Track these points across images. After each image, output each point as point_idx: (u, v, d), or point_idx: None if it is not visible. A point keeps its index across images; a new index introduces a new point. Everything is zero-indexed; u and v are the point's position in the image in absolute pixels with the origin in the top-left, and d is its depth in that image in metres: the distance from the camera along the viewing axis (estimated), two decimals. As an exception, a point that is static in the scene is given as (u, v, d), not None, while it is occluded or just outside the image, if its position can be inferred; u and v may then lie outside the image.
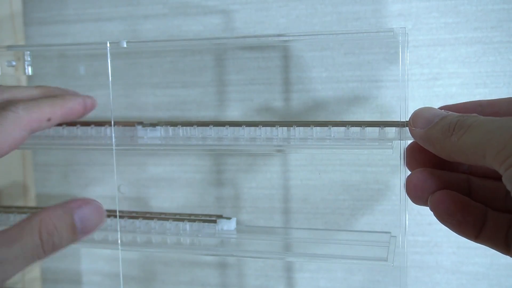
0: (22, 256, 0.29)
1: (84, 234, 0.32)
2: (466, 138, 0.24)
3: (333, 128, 0.37)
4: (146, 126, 0.41)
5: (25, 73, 0.45)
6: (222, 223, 0.43)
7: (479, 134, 0.23)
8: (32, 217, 0.30)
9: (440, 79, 0.46)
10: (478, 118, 0.24)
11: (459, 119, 0.25)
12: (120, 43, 0.39)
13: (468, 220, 0.27)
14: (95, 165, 0.55)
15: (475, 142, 0.23)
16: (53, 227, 0.30)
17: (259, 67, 0.49)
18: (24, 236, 0.29)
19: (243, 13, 0.49)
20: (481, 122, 0.24)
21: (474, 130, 0.23)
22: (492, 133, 0.22)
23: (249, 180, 0.51)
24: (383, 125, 0.36)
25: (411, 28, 0.46)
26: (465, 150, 0.24)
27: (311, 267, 0.51)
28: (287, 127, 0.38)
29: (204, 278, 0.54)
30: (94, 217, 0.32)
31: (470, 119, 0.25)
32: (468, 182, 0.29)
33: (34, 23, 0.55)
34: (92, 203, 0.33)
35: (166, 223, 0.43)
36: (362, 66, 0.47)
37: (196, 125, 0.40)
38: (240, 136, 0.39)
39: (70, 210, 0.31)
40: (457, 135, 0.24)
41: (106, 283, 0.57)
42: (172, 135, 0.40)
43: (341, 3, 0.47)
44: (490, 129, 0.22)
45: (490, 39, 0.45)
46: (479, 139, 0.23)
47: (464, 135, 0.24)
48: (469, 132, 0.24)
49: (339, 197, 0.49)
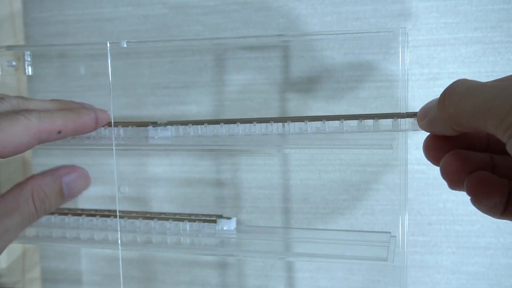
0: (21, 224, 0.32)
1: (71, 198, 0.35)
2: (462, 105, 0.24)
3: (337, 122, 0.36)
4: (157, 126, 0.40)
5: (25, 73, 0.45)
6: (222, 223, 0.43)
7: (476, 101, 0.23)
8: (24, 186, 0.32)
9: (440, 79, 0.46)
10: (468, 84, 0.24)
11: (447, 88, 0.25)
12: (120, 43, 0.39)
13: (502, 202, 0.26)
14: (95, 165, 0.55)
15: (474, 111, 0.23)
16: (44, 195, 0.33)
17: (259, 67, 0.49)
18: (20, 205, 0.32)
19: (243, 13, 0.49)
20: (474, 88, 0.23)
21: (469, 97, 0.23)
22: (491, 101, 0.22)
23: (249, 180, 0.51)
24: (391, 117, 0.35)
25: (411, 28, 0.46)
26: (464, 118, 0.23)
27: (311, 267, 0.51)
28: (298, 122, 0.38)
29: (204, 278, 0.54)
30: (80, 182, 0.35)
31: (459, 86, 0.24)
32: (491, 160, 0.28)
33: (34, 23, 0.55)
34: (78, 170, 0.35)
35: (166, 223, 0.43)
36: (362, 66, 0.47)
37: (192, 124, 0.40)
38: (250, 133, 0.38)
39: (58, 177, 0.34)
40: (451, 105, 0.24)
41: (106, 283, 0.57)
42: (183, 134, 0.40)
43: (341, 3, 0.47)
44: (488, 97, 0.22)
45: (490, 39, 0.45)
46: (478, 107, 0.22)
47: (459, 103, 0.24)
48: (464, 99, 0.24)
49: (339, 197, 0.49)
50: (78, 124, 0.37)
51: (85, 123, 0.38)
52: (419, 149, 0.39)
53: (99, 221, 0.45)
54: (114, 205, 0.44)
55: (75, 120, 0.36)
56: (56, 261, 0.58)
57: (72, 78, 0.54)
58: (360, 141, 0.36)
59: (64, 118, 0.36)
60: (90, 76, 0.54)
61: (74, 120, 0.36)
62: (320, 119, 0.37)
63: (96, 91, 0.54)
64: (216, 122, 0.39)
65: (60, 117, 0.35)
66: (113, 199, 0.49)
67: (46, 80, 0.55)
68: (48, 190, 0.33)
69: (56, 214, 0.45)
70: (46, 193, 0.33)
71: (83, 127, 0.38)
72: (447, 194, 0.47)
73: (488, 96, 0.22)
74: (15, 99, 0.36)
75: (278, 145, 0.37)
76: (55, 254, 0.58)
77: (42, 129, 0.34)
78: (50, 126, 0.34)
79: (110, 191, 0.54)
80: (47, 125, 0.34)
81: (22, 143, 0.33)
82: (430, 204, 0.48)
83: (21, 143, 0.32)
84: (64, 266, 0.58)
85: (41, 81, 0.55)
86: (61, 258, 0.58)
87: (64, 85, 0.54)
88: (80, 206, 0.55)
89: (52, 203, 0.34)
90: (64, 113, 0.36)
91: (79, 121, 0.37)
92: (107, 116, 0.40)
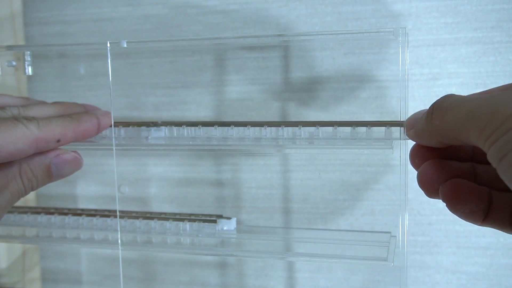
0: (10, 200, 0.34)
1: (59, 177, 0.37)
2: (448, 119, 0.24)
3: (331, 128, 0.37)
4: (151, 127, 0.40)
5: (25, 73, 0.45)
6: (222, 223, 0.43)
7: (459, 114, 0.23)
8: (12, 163, 0.34)
9: (440, 79, 0.46)
10: (454, 98, 0.25)
11: (435, 102, 0.26)
12: (120, 43, 0.39)
13: (480, 208, 0.27)
14: (95, 165, 0.55)
15: (458, 123, 0.23)
16: (31, 173, 0.35)
17: (259, 67, 0.49)
18: (9, 182, 0.34)
19: (243, 13, 0.49)
20: (459, 101, 0.24)
21: (454, 110, 0.24)
22: (472, 112, 0.22)
23: (249, 180, 0.51)
24: (384, 125, 0.36)
25: (411, 28, 0.46)
26: (450, 131, 0.24)
27: (311, 267, 0.51)
28: (291, 127, 0.38)
29: (204, 278, 0.54)
30: (70, 164, 0.37)
31: (446, 100, 0.25)
32: (472, 169, 0.29)
33: (34, 23, 0.55)
34: (70, 153, 0.37)
35: (166, 223, 0.43)
36: (362, 66, 0.47)
37: (185, 125, 0.40)
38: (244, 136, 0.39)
39: (48, 157, 0.36)
40: (438, 118, 0.25)
41: (106, 283, 0.57)
42: (177, 135, 0.40)
43: (341, 3, 0.47)
44: (469, 108, 0.22)
45: (490, 39, 0.45)
46: (461, 120, 0.23)
47: (445, 116, 0.24)
48: (449, 113, 0.24)
49: (339, 197, 0.49)
50: (78, 132, 0.37)
51: (85, 131, 0.37)
52: (419, 149, 0.39)
53: (99, 221, 0.45)
54: (114, 205, 0.44)
55: (75, 128, 0.36)
56: (56, 261, 0.58)
57: (72, 78, 0.54)
58: (360, 141, 0.36)
59: (63, 126, 0.35)
60: (90, 76, 0.54)
61: (74, 128, 0.36)
62: (325, 124, 0.37)
63: (96, 91, 0.54)
64: (210, 124, 0.39)
65: (59, 125, 0.35)
66: (113, 199, 0.49)
67: (46, 80, 0.55)
68: (35, 168, 0.35)
69: (56, 214, 0.45)
70: (33, 171, 0.35)
71: (83, 135, 0.38)
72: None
73: (470, 108, 0.23)
74: (16, 109, 0.36)
75: (278, 145, 0.37)
76: (55, 254, 0.58)
77: (40, 138, 0.34)
78: (49, 135, 0.34)
79: (110, 191, 0.54)
80: (46, 134, 0.34)
81: (18, 149, 0.33)
82: (430, 204, 0.48)
83: (17, 149, 0.33)
84: (64, 266, 0.58)
85: (41, 81, 0.55)
86: (61, 258, 0.58)
87: (64, 85, 0.54)
88: (80, 206, 0.55)
89: (40, 181, 0.35)
90: (64, 121, 0.36)
91: (79, 129, 0.37)
92: (110, 120, 0.40)
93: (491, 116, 0.21)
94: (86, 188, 0.55)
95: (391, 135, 0.35)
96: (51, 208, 0.47)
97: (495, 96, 0.22)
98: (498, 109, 0.21)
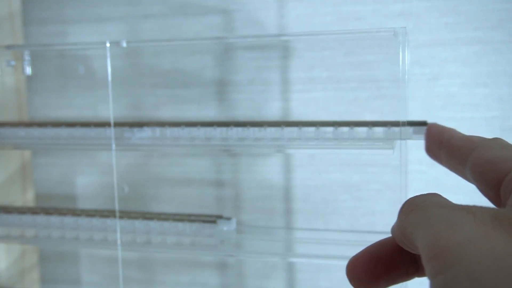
0: None
1: None
2: (411, 219, 0.21)
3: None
4: (134, 127, 0.40)
5: (24, 73, 0.45)
6: (222, 224, 0.43)
7: (419, 219, 0.20)
8: None
9: (441, 79, 0.46)
10: (426, 199, 0.22)
11: (411, 198, 0.23)
12: (120, 43, 0.39)
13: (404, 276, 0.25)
14: (95, 165, 0.55)
15: (414, 227, 0.20)
16: None
17: (259, 67, 0.49)
18: None
19: (243, 13, 0.49)
20: (428, 204, 0.21)
21: (419, 212, 0.21)
22: (424, 221, 0.19)
23: (249, 180, 0.51)
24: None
25: (412, 28, 0.45)
26: (405, 231, 0.21)
27: (311, 268, 0.51)
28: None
29: (204, 279, 0.54)
30: None
31: (419, 199, 0.22)
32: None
33: (33, 22, 0.54)
34: None
35: (166, 223, 0.43)
36: (362, 66, 0.47)
37: (169, 126, 0.40)
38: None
39: None
40: (405, 214, 0.22)
41: (106, 283, 0.57)
42: (159, 136, 0.40)
43: (342, 3, 0.47)
44: (427, 215, 0.20)
45: (491, 38, 0.45)
46: (417, 225, 0.20)
47: (410, 215, 0.21)
48: (415, 213, 0.21)
49: (340, 197, 0.49)
50: None
51: None
52: (419, 149, 0.39)
53: (98, 222, 0.45)
54: (113, 205, 0.44)
55: None
56: (55, 261, 0.58)
57: (72, 78, 0.54)
58: (361, 141, 0.36)
59: None
60: (89, 76, 0.54)
61: None
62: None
63: (96, 91, 0.54)
64: (193, 125, 0.39)
65: None
66: (112, 199, 0.49)
67: (45, 79, 0.55)
68: None
69: (56, 215, 0.45)
70: None
71: None
72: (448, 194, 0.47)
73: (426, 215, 0.20)
74: None
75: (278, 145, 0.37)
76: (54, 254, 0.58)
77: None
78: None
79: (110, 191, 0.54)
80: None
81: None
82: (431, 204, 0.47)
83: None
84: (63, 266, 0.58)
85: (40, 80, 0.55)
86: (60, 258, 0.57)
87: (63, 85, 0.54)
88: (80, 206, 0.55)
89: None
90: None
91: None
92: None
93: (434, 238, 0.17)
94: (86, 188, 0.55)
95: (391, 135, 0.34)
96: (50, 208, 0.47)
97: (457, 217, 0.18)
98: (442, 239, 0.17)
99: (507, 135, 0.46)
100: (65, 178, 0.56)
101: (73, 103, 0.54)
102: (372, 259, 0.24)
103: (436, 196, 0.22)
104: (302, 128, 0.37)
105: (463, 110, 0.46)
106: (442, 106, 0.46)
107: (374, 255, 0.24)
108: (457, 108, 0.46)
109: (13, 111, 0.52)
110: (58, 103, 0.54)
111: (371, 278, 0.24)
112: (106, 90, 0.53)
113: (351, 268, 0.24)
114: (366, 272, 0.24)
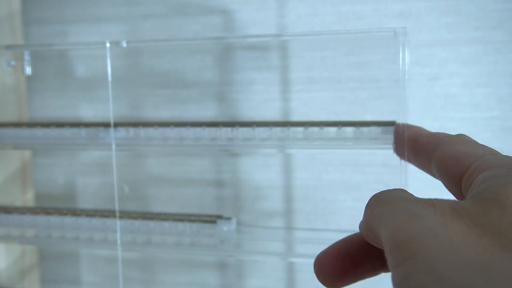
0: None
1: None
2: (375, 214, 0.21)
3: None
4: (108, 127, 0.40)
5: (24, 73, 0.45)
6: (222, 224, 0.43)
7: (383, 213, 0.20)
8: None
9: (441, 79, 0.46)
10: (391, 194, 0.21)
11: (377, 194, 0.22)
12: (120, 43, 0.39)
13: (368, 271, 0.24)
14: (95, 165, 0.55)
15: (378, 222, 0.20)
16: None
17: (259, 67, 0.49)
18: None
19: (243, 13, 0.49)
20: (392, 199, 0.21)
21: (383, 207, 0.20)
22: (388, 215, 0.19)
23: (249, 180, 0.51)
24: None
25: (412, 27, 0.45)
26: (371, 226, 0.21)
27: (311, 268, 0.51)
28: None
29: (204, 279, 0.54)
30: None
31: (384, 194, 0.22)
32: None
33: (33, 22, 0.54)
34: None
35: (166, 223, 0.43)
36: (362, 66, 0.47)
37: (157, 126, 0.40)
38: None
39: None
40: (371, 209, 0.22)
41: (106, 283, 0.57)
42: (133, 136, 0.40)
43: (342, 3, 0.47)
44: (390, 209, 0.19)
45: (491, 38, 0.45)
46: (381, 219, 0.19)
47: (375, 210, 0.21)
48: (379, 208, 0.21)
49: (340, 197, 0.49)
50: None
51: None
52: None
53: (98, 222, 0.45)
54: (113, 205, 0.44)
55: None
56: (55, 261, 0.58)
57: (72, 78, 0.54)
58: (361, 141, 0.36)
59: None
60: (89, 76, 0.54)
61: None
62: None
63: (96, 91, 0.54)
64: (182, 125, 0.39)
65: None
66: (112, 199, 0.49)
67: (45, 80, 0.55)
68: None
69: (56, 215, 0.45)
70: None
71: None
72: (448, 194, 0.47)
73: (390, 209, 0.20)
74: None
75: (278, 145, 0.37)
76: (54, 254, 0.58)
77: None
78: None
79: (110, 191, 0.54)
80: None
81: None
82: (431, 204, 0.47)
83: None
84: (63, 266, 0.58)
85: (40, 81, 0.55)
86: (60, 258, 0.57)
87: (63, 85, 0.54)
88: (80, 206, 0.55)
89: None
90: None
91: None
92: None
93: (393, 233, 0.17)
94: (86, 188, 0.55)
95: (392, 135, 0.34)
96: (50, 208, 0.47)
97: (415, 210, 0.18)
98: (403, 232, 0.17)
99: (507, 135, 0.46)
100: (65, 178, 0.56)
101: (73, 103, 0.54)
102: (339, 254, 0.24)
103: (402, 191, 0.22)
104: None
105: (463, 110, 0.46)
106: (442, 106, 0.46)
107: (341, 251, 0.24)
108: (457, 108, 0.46)
109: (13, 111, 0.52)
110: (58, 103, 0.54)
111: (338, 273, 0.24)
112: (106, 90, 0.53)
113: (318, 264, 0.24)
114: (333, 268, 0.24)
